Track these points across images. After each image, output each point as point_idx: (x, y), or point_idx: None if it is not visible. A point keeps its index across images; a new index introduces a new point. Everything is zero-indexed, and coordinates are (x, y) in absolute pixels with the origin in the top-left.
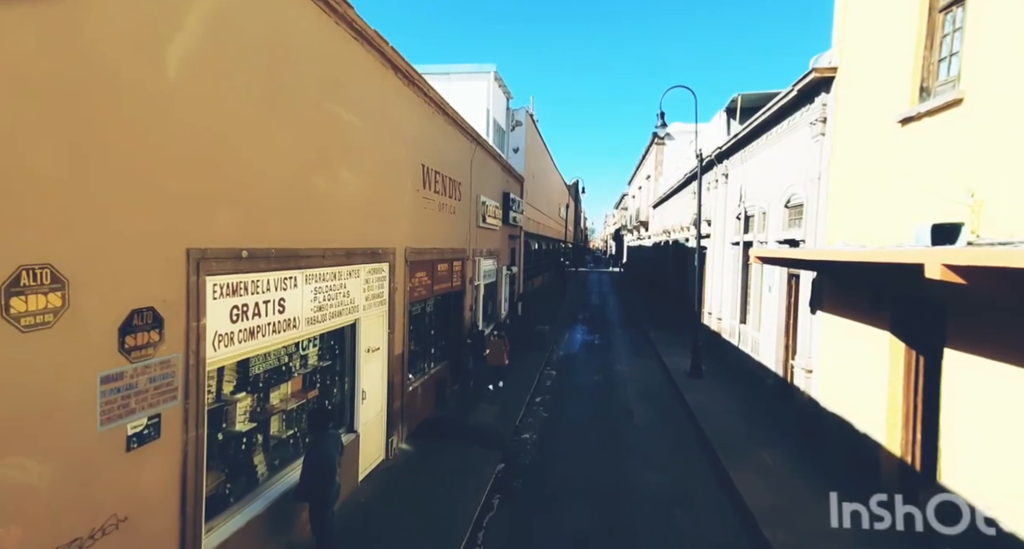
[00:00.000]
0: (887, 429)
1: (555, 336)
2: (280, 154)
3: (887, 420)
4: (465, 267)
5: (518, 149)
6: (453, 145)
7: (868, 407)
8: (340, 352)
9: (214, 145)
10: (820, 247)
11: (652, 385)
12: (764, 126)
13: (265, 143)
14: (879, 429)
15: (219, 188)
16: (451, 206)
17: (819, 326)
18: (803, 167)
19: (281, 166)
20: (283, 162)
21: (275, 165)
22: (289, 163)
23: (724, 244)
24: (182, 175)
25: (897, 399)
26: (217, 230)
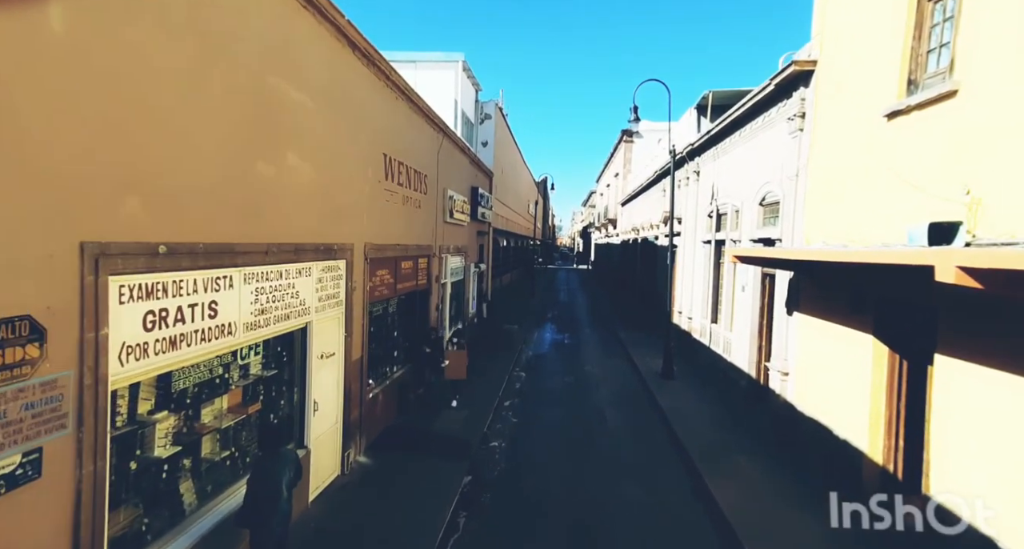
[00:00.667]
0: (869, 436)
1: (524, 335)
2: (215, 131)
3: (869, 427)
4: (431, 264)
5: (487, 143)
6: (418, 135)
7: (848, 413)
8: (288, 359)
9: (128, 109)
10: (799, 246)
11: (624, 387)
12: (738, 122)
13: (196, 116)
14: (860, 436)
15: (132, 166)
16: (416, 200)
17: (795, 328)
18: (780, 164)
19: (216, 145)
20: (219, 141)
21: (208, 144)
22: (226, 143)
23: (695, 242)
24: (78, 145)
25: (880, 405)
26: (125, 220)
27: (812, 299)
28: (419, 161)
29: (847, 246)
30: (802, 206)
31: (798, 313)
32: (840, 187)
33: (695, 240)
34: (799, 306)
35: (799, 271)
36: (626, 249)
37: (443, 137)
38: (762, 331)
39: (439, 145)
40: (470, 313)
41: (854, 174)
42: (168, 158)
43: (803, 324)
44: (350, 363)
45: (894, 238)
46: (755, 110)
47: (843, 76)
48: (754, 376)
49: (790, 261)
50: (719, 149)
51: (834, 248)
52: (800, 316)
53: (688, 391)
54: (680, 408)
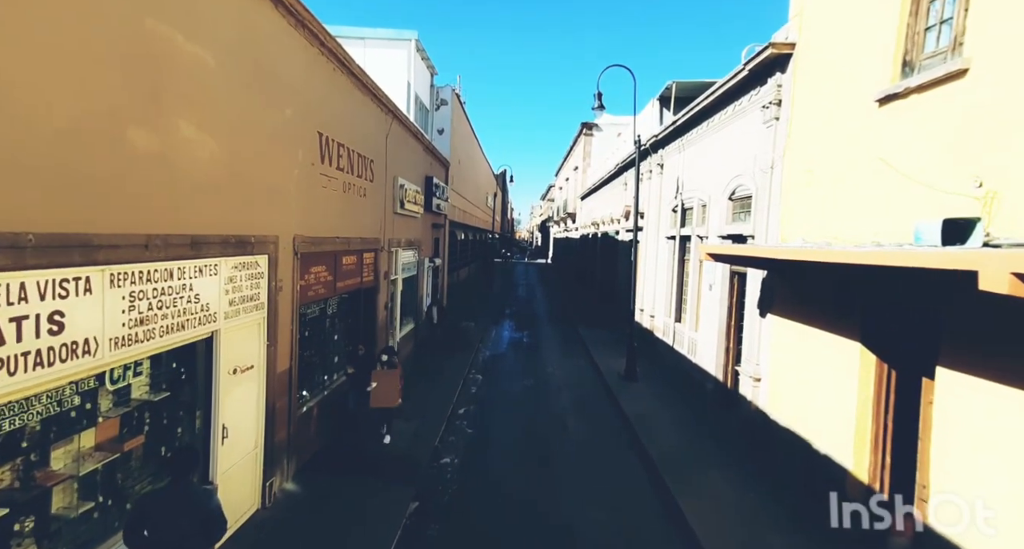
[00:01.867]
0: (854, 452)
1: (482, 333)
2: (59, 83)
3: (855, 442)
4: (379, 259)
5: (443, 131)
6: (363, 114)
7: (830, 425)
8: (189, 377)
9: None
10: (774, 244)
11: (586, 391)
12: (706, 112)
13: (24, 58)
14: (844, 451)
15: None
16: (361, 187)
17: (769, 331)
18: (752, 156)
19: (61, 104)
20: (66, 98)
21: (46, 100)
22: (78, 100)
23: (658, 238)
24: None
25: (867, 419)
26: None
27: (788, 301)
28: (364, 144)
29: (831, 244)
30: (777, 201)
31: (772, 315)
32: (821, 180)
33: (658, 235)
34: (773, 308)
35: (773, 270)
36: (585, 244)
37: (392, 120)
38: (730, 332)
39: (388, 128)
40: (423, 312)
41: (838, 166)
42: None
43: (778, 327)
44: (275, 376)
45: (887, 235)
46: (725, 98)
47: (825, 60)
48: (721, 379)
49: (764, 259)
50: (685, 141)
51: (818, 247)
52: (774, 318)
53: (652, 395)
54: (645, 415)
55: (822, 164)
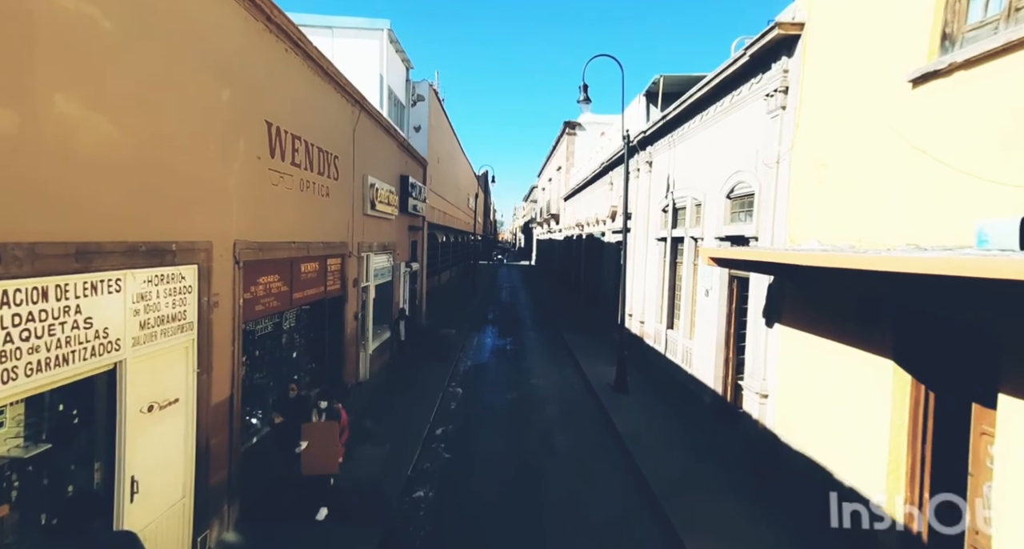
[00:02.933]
0: (887, 486)
1: (463, 341)
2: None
3: (888, 476)
4: (347, 265)
5: (420, 128)
6: (324, 105)
7: (856, 454)
8: (82, 422)
9: None
10: (785, 247)
11: (574, 404)
12: (699, 105)
13: None
14: (873, 485)
15: None
16: (323, 186)
17: (777, 342)
18: (754, 150)
19: None
20: None
21: None
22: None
23: (647, 239)
24: None
25: (901, 449)
26: None
27: (800, 309)
28: (326, 138)
29: (854, 247)
30: (784, 199)
31: (780, 325)
32: (838, 175)
33: (647, 237)
34: (782, 316)
35: (781, 275)
36: (569, 245)
37: (360, 112)
38: (730, 342)
39: (355, 121)
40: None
41: (858, 159)
42: None
43: (787, 339)
44: (209, 409)
45: (926, 237)
46: (721, 89)
47: (840, 39)
48: (721, 392)
49: (774, 264)
50: (676, 136)
51: (856, 252)
52: (783, 329)
53: (645, 408)
54: (639, 432)
55: (839, 157)
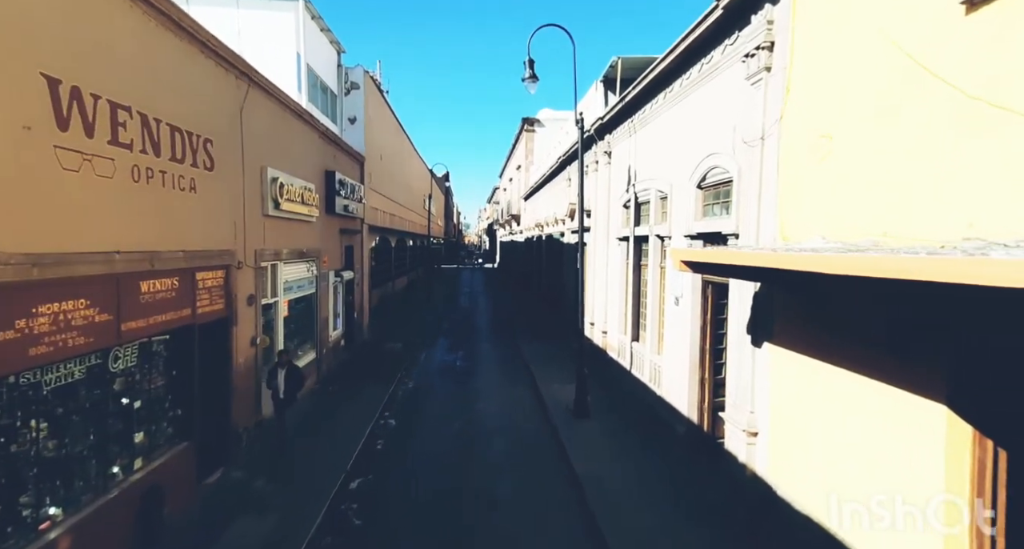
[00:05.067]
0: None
1: (409, 356)
2: None
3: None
4: (235, 279)
5: (355, 120)
6: (180, 69)
7: (893, 526)
8: None
9: None
10: (782, 246)
11: (526, 437)
12: (664, 80)
13: None
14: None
15: None
16: (182, 177)
17: (768, 366)
18: (731, 126)
19: None
20: None
21: None
22: None
23: (608, 239)
24: None
25: (960, 527)
26: None
27: (800, 325)
28: (188, 115)
29: (878, 244)
30: (772, 184)
31: (772, 345)
32: (851, 147)
33: (608, 236)
34: (773, 334)
35: (771, 281)
36: (530, 247)
37: (249, 87)
38: (705, 360)
39: (242, 99)
40: (332, 337)
41: (879, 124)
42: None
43: (782, 362)
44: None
45: (1000, 227)
46: (689, 58)
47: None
48: (696, 421)
49: (760, 269)
50: (636, 121)
51: (887, 254)
52: (776, 350)
53: (609, 440)
54: (601, 475)
55: (849, 124)
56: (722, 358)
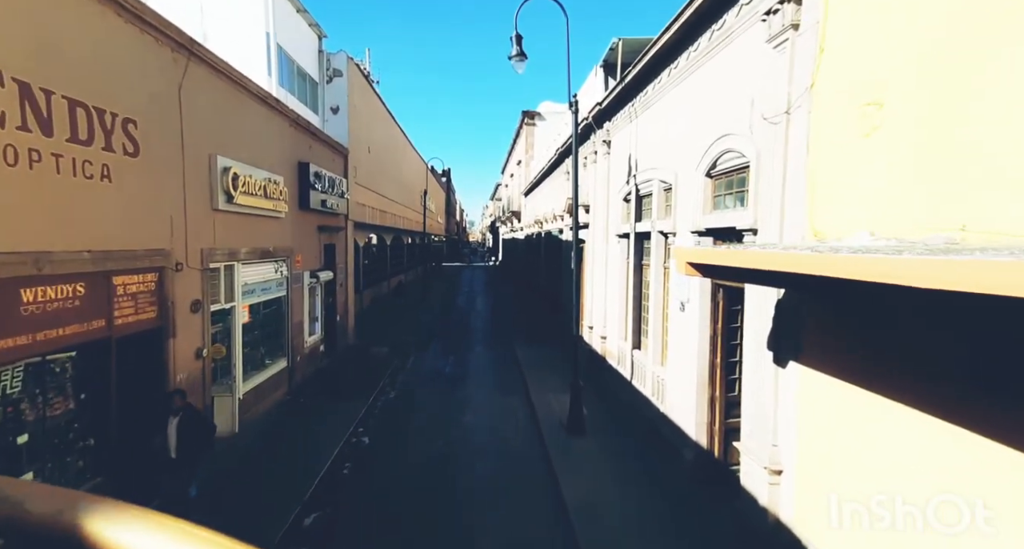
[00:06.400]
0: None
1: (397, 362)
2: None
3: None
4: (171, 283)
5: (338, 109)
6: (80, 28)
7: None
8: None
9: None
10: (817, 245)
11: (513, 456)
12: (668, 55)
13: None
14: None
15: None
16: (92, 163)
17: (797, 389)
18: (748, 100)
19: None
20: None
21: None
22: None
23: (607, 236)
24: None
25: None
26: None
27: (840, 342)
28: (97, 89)
29: (955, 242)
30: (799, 168)
31: (800, 365)
32: (909, 116)
33: (607, 233)
34: (802, 350)
35: (799, 288)
36: (530, 245)
37: (189, 62)
38: (716, 376)
39: (180, 74)
40: (307, 343)
41: (958, 80)
42: None
43: (814, 388)
44: None
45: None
46: (697, 26)
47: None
48: (705, 445)
49: (793, 276)
50: (638, 104)
51: (965, 256)
52: (805, 372)
53: (605, 462)
54: (595, 504)
55: (909, 85)
56: (735, 373)
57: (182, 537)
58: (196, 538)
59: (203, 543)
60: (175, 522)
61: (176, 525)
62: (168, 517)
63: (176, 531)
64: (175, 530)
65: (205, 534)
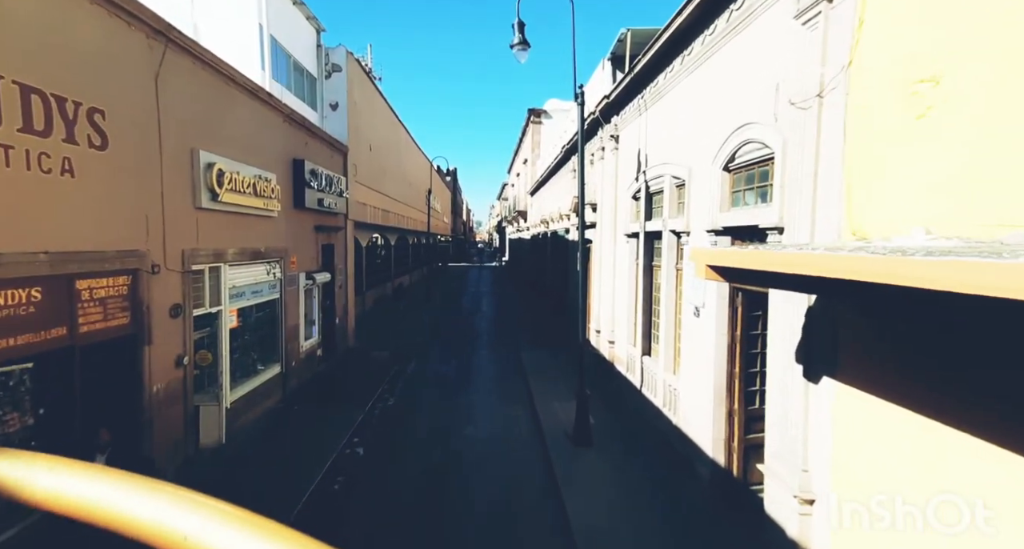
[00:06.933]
0: None
1: (397, 366)
2: None
3: None
4: (147, 287)
5: (337, 106)
6: (33, 4)
7: None
8: None
9: None
10: (850, 247)
11: (516, 472)
12: (680, 41)
13: None
14: None
15: None
16: (50, 156)
17: (831, 410)
18: (773, 85)
19: None
20: None
21: None
22: None
23: (615, 236)
24: None
25: None
26: None
27: (886, 359)
28: (57, 75)
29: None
30: (835, 157)
31: (836, 381)
32: (976, 92)
33: (615, 233)
34: (839, 366)
35: (833, 295)
36: (536, 245)
37: (167, 49)
38: (734, 388)
39: (156, 63)
40: (303, 347)
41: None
42: None
43: (854, 408)
44: None
45: None
46: (712, 8)
47: None
48: (723, 463)
49: (828, 281)
50: (648, 95)
51: None
52: (842, 389)
53: (613, 481)
54: (602, 531)
55: (975, 56)
56: (755, 384)
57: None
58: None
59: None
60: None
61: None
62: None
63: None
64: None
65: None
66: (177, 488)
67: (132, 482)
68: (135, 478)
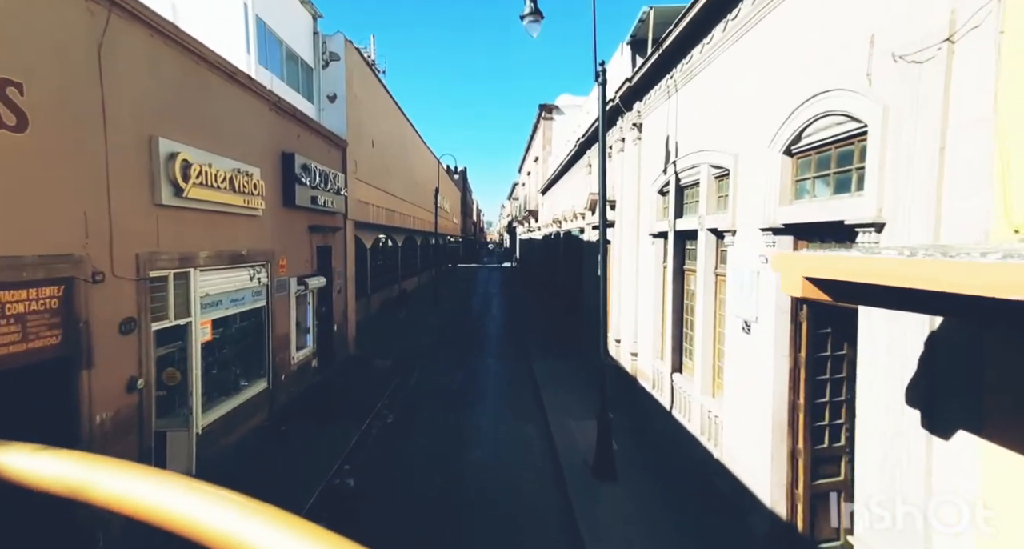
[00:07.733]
0: None
1: (398, 378)
2: None
3: None
4: (82, 298)
5: (335, 97)
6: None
7: None
8: None
9: None
10: (974, 244)
11: (527, 510)
12: (719, 6)
13: None
14: None
15: None
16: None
17: (980, 477)
18: (865, 37)
19: None
20: None
21: None
22: None
23: (638, 236)
24: None
25: None
26: None
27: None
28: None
29: None
30: (979, 123)
31: (982, 438)
32: None
33: (638, 233)
34: (985, 417)
35: (970, 315)
36: (548, 245)
37: (111, 15)
38: (798, 421)
39: (99, 32)
40: (295, 358)
41: None
42: None
43: (1012, 473)
44: None
45: None
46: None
47: None
48: (784, 515)
49: (949, 296)
50: (678, 75)
51: None
52: (995, 452)
53: (647, 530)
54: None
55: None
56: (823, 418)
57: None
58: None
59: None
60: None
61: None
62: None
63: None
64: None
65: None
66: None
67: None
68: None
